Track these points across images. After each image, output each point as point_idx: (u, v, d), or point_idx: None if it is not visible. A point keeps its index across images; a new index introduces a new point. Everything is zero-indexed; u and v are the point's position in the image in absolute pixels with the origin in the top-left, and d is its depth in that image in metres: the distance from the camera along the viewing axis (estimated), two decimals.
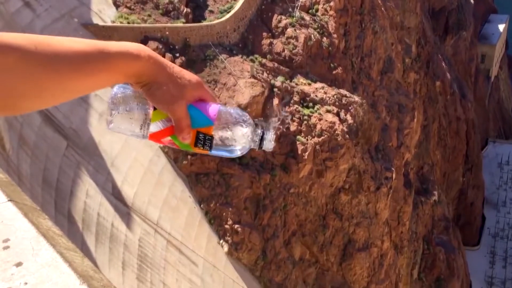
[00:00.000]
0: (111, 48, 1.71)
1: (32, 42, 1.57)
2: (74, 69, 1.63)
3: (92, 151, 26.97)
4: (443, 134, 57.63)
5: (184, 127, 1.85)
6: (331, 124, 35.34)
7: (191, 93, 1.86)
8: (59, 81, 1.62)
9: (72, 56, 1.62)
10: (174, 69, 1.84)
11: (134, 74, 1.76)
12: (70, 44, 1.64)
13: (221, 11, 36.01)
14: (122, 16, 32.29)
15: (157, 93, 1.80)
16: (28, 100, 1.60)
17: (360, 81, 41.97)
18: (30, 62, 1.55)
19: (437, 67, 59.53)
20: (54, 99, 1.67)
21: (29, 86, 1.57)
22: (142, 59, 1.75)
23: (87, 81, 1.69)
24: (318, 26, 39.41)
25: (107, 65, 1.70)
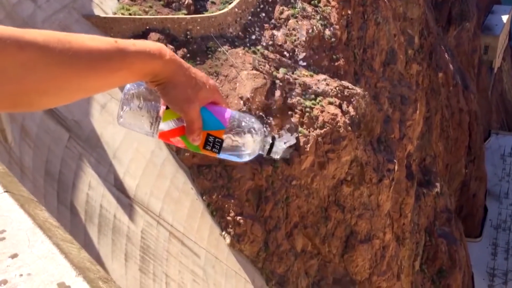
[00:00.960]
0: (130, 47, 1.70)
1: (53, 39, 1.55)
2: (92, 68, 1.62)
3: (94, 143, 26.99)
4: (445, 125, 57.52)
5: (195, 129, 1.85)
6: (333, 116, 35.27)
7: (205, 95, 1.85)
8: (77, 79, 1.61)
9: (91, 55, 1.61)
10: (191, 70, 1.83)
11: (151, 73, 1.75)
12: (90, 43, 1.62)
13: (223, 2, 35.86)
14: (123, 7, 32.19)
15: (172, 93, 1.80)
16: (44, 97, 1.59)
17: (362, 73, 41.84)
18: (50, 60, 1.54)
19: (440, 58, 59.32)
20: (70, 97, 1.67)
21: (47, 84, 1.56)
22: (160, 59, 1.74)
23: (104, 80, 1.68)
24: (320, 17, 39.24)
25: (126, 65, 1.69)
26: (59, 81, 1.58)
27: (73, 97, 1.67)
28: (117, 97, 29.26)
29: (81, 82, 1.63)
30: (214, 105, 1.90)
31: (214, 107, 1.89)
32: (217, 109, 1.89)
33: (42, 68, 1.53)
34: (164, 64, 1.75)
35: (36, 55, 1.51)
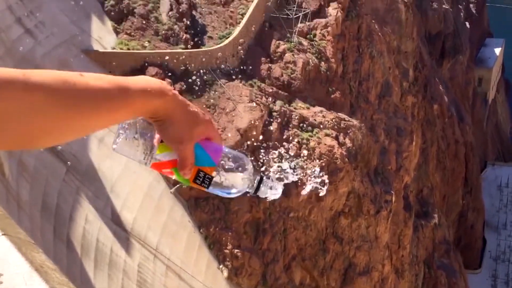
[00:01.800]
0: (132, 86, 1.75)
1: (59, 81, 1.61)
2: (96, 108, 1.67)
3: (91, 176, 27.00)
4: (442, 157, 57.71)
5: (187, 164, 1.91)
6: (330, 148, 35.44)
7: (201, 132, 1.92)
8: (81, 119, 1.66)
9: (96, 96, 1.67)
10: (189, 108, 1.89)
11: (151, 111, 1.81)
12: (94, 83, 1.68)
13: (220, 37, 36.42)
14: (122, 42, 32.66)
15: (168, 130, 1.86)
16: (48, 137, 1.65)
17: (358, 105, 42.22)
18: (56, 102, 1.59)
19: (435, 90, 59.93)
20: (74, 136, 1.72)
21: (52, 124, 1.61)
22: (161, 98, 1.80)
23: (107, 118, 1.73)
24: (316, 51, 39.81)
25: (128, 103, 1.74)
26: (64, 122, 1.63)
27: (76, 135, 1.72)
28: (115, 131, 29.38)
29: (85, 121, 1.68)
30: (208, 142, 1.96)
31: (208, 144, 1.95)
32: (210, 146, 1.95)
33: (48, 110, 1.58)
34: (165, 103, 1.81)
35: (42, 97, 1.56)
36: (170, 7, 35.16)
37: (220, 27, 37.58)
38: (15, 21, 28.33)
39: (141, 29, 33.76)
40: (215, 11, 39.04)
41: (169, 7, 35.15)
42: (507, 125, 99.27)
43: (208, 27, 37.28)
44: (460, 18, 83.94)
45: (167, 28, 34.04)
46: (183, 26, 34.85)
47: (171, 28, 34.15)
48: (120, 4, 34.24)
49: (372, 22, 45.95)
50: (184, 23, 35.12)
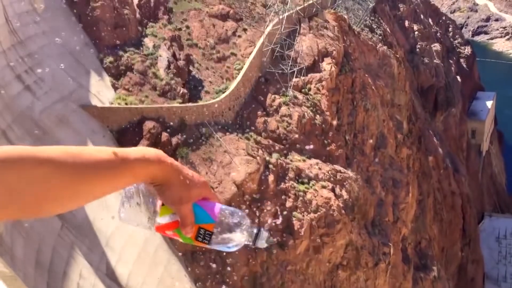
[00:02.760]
0: (131, 155, 1.95)
1: (65, 155, 1.79)
2: (99, 177, 1.86)
3: (86, 230, 26.75)
4: (439, 208, 57.59)
5: (188, 223, 2.10)
6: (326, 200, 35.41)
7: (197, 193, 2.12)
8: (86, 188, 1.85)
9: (99, 165, 1.86)
10: (184, 171, 2.09)
11: (149, 176, 2.01)
12: (97, 155, 1.87)
13: (217, 91, 37.09)
14: (120, 97, 33.17)
15: (167, 193, 2.06)
16: (55, 205, 1.81)
17: (354, 157, 42.51)
18: (63, 173, 1.77)
19: (429, 142, 60.53)
20: (80, 202, 1.89)
21: (60, 194, 1.79)
22: (157, 164, 2.00)
23: (110, 185, 1.92)
24: (311, 104, 40.48)
25: (127, 170, 1.93)
26: (71, 190, 1.81)
27: (82, 202, 1.89)
28: None
29: (90, 189, 1.86)
30: (206, 201, 2.14)
31: (205, 203, 2.13)
32: (207, 205, 2.13)
33: (56, 180, 1.75)
34: (162, 168, 2.01)
35: (51, 170, 1.74)
36: (167, 63, 35.96)
37: (216, 82, 38.34)
38: (14, 78, 28.83)
39: (139, 85, 34.38)
40: (211, 67, 39.94)
41: (166, 63, 35.95)
42: (502, 176, 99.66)
43: (205, 82, 38.01)
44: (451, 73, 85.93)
45: (164, 83, 34.69)
46: (180, 81, 35.54)
47: (169, 83, 34.80)
48: (119, 60, 35.02)
49: (365, 76, 46.98)
50: (181, 78, 35.83)
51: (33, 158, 1.72)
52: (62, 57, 32.98)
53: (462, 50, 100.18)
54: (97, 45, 35.46)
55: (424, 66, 74.36)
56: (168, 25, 40.46)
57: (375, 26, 61.87)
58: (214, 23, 43.33)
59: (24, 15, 32.09)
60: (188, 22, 42.61)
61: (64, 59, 32.89)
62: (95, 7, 35.93)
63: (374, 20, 63.05)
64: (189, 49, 40.24)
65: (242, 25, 44.23)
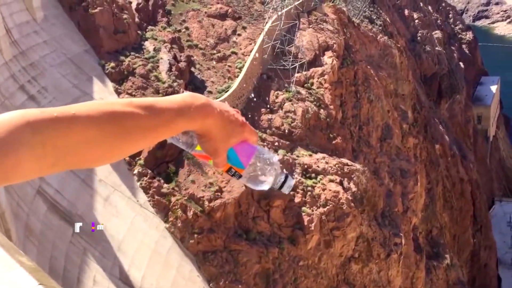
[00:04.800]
0: (176, 115, 1.97)
1: (107, 115, 1.85)
2: (144, 138, 1.95)
3: (98, 236, 26.91)
4: (448, 196, 57.39)
5: (220, 166, 2.20)
6: (335, 194, 35.40)
7: (235, 140, 2.14)
8: (129, 148, 1.94)
9: (141, 126, 1.91)
10: (227, 123, 2.10)
11: (190, 129, 2.07)
12: (140, 112, 1.91)
13: (219, 91, 37.14)
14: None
15: (205, 144, 2.12)
16: (97, 163, 1.91)
17: (360, 149, 42.45)
18: (108, 136, 1.84)
19: (435, 130, 60.30)
20: (122, 157, 1.99)
21: (104, 155, 1.88)
22: (202, 121, 2.03)
23: (152, 141, 2.01)
24: (315, 99, 40.44)
25: (171, 129, 2.00)
26: (113, 152, 1.90)
27: (124, 156, 1.99)
28: (120, 189, 29.57)
29: (132, 149, 1.95)
30: (242, 145, 2.19)
31: (241, 148, 2.19)
32: (242, 151, 2.19)
33: (101, 143, 1.83)
34: (205, 124, 2.04)
35: (97, 133, 1.81)
36: (169, 66, 36.04)
37: (219, 82, 38.39)
38: (18, 88, 29.03)
39: (141, 88, 34.48)
40: (213, 67, 39.99)
41: (168, 66, 36.03)
42: (510, 160, 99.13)
43: (207, 82, 38.07)
44: (454, 59, 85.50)
45: (167, 86, 34.77)
46: (182, 82, 35.62)
47: (171, 85, 34.88)
48: (120, 66, 35.13)
49: (367, 68, 46.86)
50: (183, 80, 35.91)
51: (84, 119, 1.79)
52: (64, 65, 33.15)
53: (464, 36, 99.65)
54: (98, 51, 35.60)
55: (426, 54, 74.03)
56: (167, 28, 40.55)
57: (375, 17, 61.68)
58: (213, 23, 43.37)
59: (24, 26, 32.26)
60: (187, 23, 42.69)
61: (66, 67, 33.06)
62: (94, 14, 36.04)
63: (374, 11, 62.85)
64: (190, 50, 40.31)
65: (241, 24, 44.24)
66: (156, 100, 1.99)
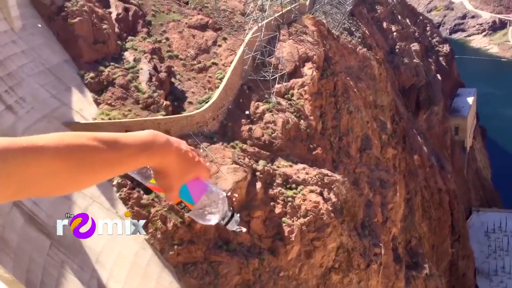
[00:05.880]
0: (136, 151, 2.09)
1: (74, 148, 1.92)
2: (106, 171, 2.03)
3: (76, 249, 26.50)
4: (427, 206, 57.99)
5: (171, 199, 2.35)
6: (315, 204, 35.50)
7: (189, 178, 2.30)
8: (91, 179, 2.01)
9: (107, 161, 2.00)
10: (183, 161, 2.24)
11: (149, 165, 2.21)
12: (104, 148, 1.99)
13: (200, 102, 37.08)
14: (103, 112, 33.03)
15: (160, 181, 2.26)
16: (60, 192, 1.98)
17: (340, 160, 42.69)
18: (72, 167, 1.90)
19: (414, 141, 61.01)
20: (82, 189, 2.08)
21: (67, 185, 1.95)
22: (160, 158, 2.16)
23: (114, 174, 2.10)
24: (295, 109, 40.64)
25: (131, 164, 2.11)
26: (76, 183, 1.97)
27: (84, 188, 2.07)
28: (99, 200, 29.24)
29: (95, 181, 2.03)
30: (195, 181, 2.35)
31: (193, 184, 2.34)
32: (194, 187, 2.34)
33: (66, 175, 1.89)
34: (163, 161, 2.17)
35: (63, 165, 1.86)
36: (149, 76, 35.92)
37: (199, 92, 38.35)
38: None
39: (121, 99, 34.27)
40: (193, 77, 39.97)
41: (148, 76, 35.91)
42: (487, 171, 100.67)
43: (188, 93, 38.01)
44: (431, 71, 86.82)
45: (147, 96, 34.62)
46: (162, 93, 35.51)
47: (151, 96, 34.75)
48: (100, 76, 34.90)
49: (347, 79, 47.30)
50: (163, 90, 35.80)
51: (51, 151, 1.85)
52: (42, 75, 32.80)
53: (441, 49, 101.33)
54: (77, 61, 35.33)
55: (404, 66, 75.08)
56: (147, 38, 40.46)
57: (354, 29, 62.39)
58: (194, 34, 43.42)
59: (2, 35, 31.89)
60: (167, 34, 42.66)
61: (45, 77, 32.71)
62: (73, 24, 35.82)
63: (353, 23, 63.58)
64: (170, 60, 40.25)
65: (221, 35, 44.37)
66: (120, 136, 2.09)
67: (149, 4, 44.14)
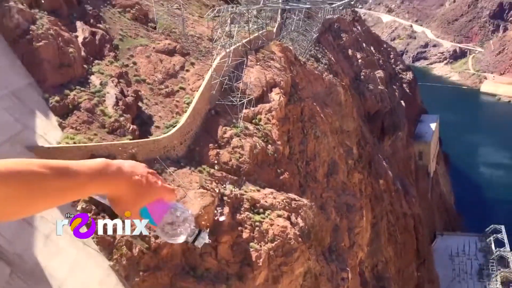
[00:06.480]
0: (89, 181, 2.14)
1: (28, 174, 1.97)
2: (57, 198, 2.06)
3: (38, 277, 25.69)
4: (392, 230, 58.66)
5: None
6: (283, 229, 35.46)
7: (146, 201, 2.34)
8: (44, 205, 2.05)
9: (57, 189, 2.05)
10: (138, 188, 2.29)
11: (100, 193, 2.25)
12: (57, 176, 2.05)
13: (167, 126, 36.90)
14: (68, 136, 32.47)
15: (115, 208, 2.33)
16: (11, 218, 2.00)
17: (307, 184, 42.95)
18: (25, 193, 1.96)
19: (379, 166, 61.95)
20: (34, 213, 2.11)
21: (20, 210, 1.99)
22: (113, 186, 2.21)
23: (65, 201, 2.15)
24: (262, 134, 40.86)
25: (83, 194, 2.17)
26: (28, 208, 2.00)
27: (33, 214, 2.10)
28: None
29: (45, 206, 2.06)
30: (156, 203, 2.37)
31: (154, 207, 2.37)
32: (155, 209, 2.38)
33: (15, 201, 1.93)
34: (116, 188, 2.21)
35: (11, 191, 1.90)
36: (115, 100, 35.62)
37: (166, 117, 38.19)
38: None
39: (87, 123, 33.81)
40: (161, 102, 39.83)
41: (114, 100, 35.60)
42: (450, 195, 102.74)
43: (155, 117, 37.80)
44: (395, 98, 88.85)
45: (113, 120, 34.26)
46: (129, 117, 35.22)
47: (118, 120, 34.41)
48: (65, 99, 34.41)
49: (313, 105, 47.96)
50: (130, 115, 35.52)
51: (3, 176, 1.90)
52: (5, 98, 32.13)
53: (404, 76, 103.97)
54: (42, 85, 34.79)
55: (369, 93, 76.65)
56: (114, 62, 40.24)
57: (320, 56, 63.53)
58: (161, 59, 43.43)
59: None
60: (135, 58, 42.54)
61: (8, 100, 32.04)
62: (38, 47, 35.37)
63: (319, 50, 64.76)
64: (137, 85, 40.07)
65: (189, 60, 44.52)
66: (72, 164, 2.14)
67: (116, 29, 44.06)
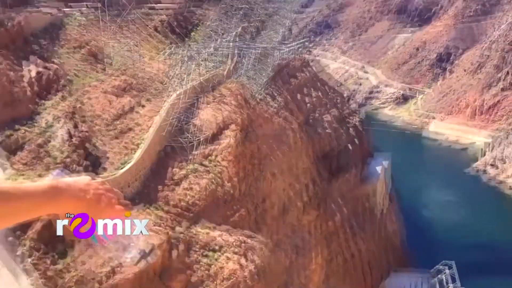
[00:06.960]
0: (42, 204, 2.31)
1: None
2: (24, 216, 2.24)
3: None
4: (345, 268, 58.85)
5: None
6: (237, 268, 34.93)
7: (99, 217, 2.55)
8: (11, 221, 2.23)
9: (26, 209, 2.21)
10: (83, 202, 2.48)
11: (52, 212, 2.41)
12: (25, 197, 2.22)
13: (122, 163, 36.24)
14: (16, 174, 31.36)
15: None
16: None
17: (261, 223, 42.74)
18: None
19: (330, 206, 62.55)
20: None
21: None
22: (57, 206, 2.36)
23: (28, 217, 2.27)
24: (216, 173, 40.60)
25: (31, 213, 2.28)
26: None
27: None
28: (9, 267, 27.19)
29: (14, 221, 2.23)
30: (109, 218, 2.64)
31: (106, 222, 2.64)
32: (106, 225, 2.63)
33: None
34: (61, 208, 2.37)
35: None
36: (66, 137, 34.83)
37: (119, 154, 37.52)
38: None
39: (36, 159, 32.81)
40: (114, 138, 39.18)
41: (65, 137, 34.82)
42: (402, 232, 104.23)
43: (107, 155, 37.07)
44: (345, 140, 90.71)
45: (64, 157, 33.40)
46: (82, 153, 34.43)
47: (70, 156, 33.57)
48: (8, 139, 33.40)
49: (268, 144, 48.31)
50: (83, 151, 34.74)
51: None
52: None
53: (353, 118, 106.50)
54: None
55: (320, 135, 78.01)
56: (66, 99, 39.52)
57: (276, 94, 64.32)
58: (113, 98, 42.94)
59: None
60: (86, 96, 41.90)
61: None
62: None
63: (275, 88, 65.59)
64: (89, 123, 39.36)
65: (145, 96, 44.20)
66: (19, 188, 2.26)
67: (70, 64, 43.47)
